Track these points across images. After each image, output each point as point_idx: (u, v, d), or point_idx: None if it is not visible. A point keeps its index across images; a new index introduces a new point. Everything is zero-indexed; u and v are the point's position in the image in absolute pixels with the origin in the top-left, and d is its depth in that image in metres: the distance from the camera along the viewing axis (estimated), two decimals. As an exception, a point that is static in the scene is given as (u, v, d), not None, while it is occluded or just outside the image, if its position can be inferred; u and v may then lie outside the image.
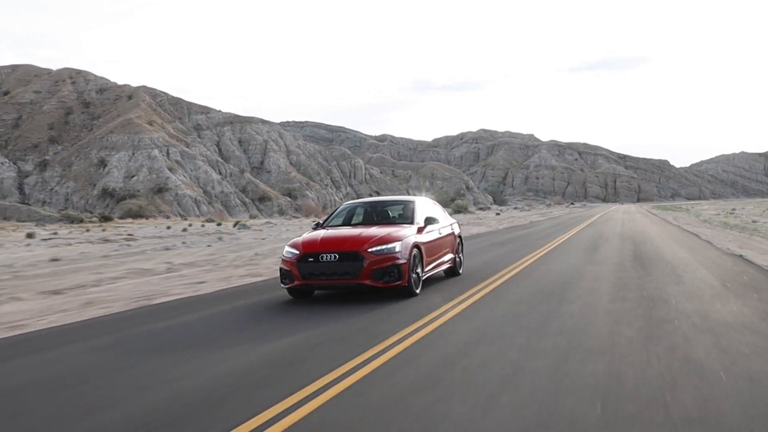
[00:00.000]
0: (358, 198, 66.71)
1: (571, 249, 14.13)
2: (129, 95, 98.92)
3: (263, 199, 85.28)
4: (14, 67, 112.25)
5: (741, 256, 10.80)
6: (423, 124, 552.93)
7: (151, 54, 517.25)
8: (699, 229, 20.14)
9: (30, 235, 28.63)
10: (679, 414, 3.16)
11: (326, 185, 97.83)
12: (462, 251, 10.15)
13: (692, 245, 14.20)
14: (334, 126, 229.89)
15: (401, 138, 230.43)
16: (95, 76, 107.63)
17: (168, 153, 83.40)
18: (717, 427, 2.99)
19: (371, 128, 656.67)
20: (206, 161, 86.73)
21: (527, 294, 7.44)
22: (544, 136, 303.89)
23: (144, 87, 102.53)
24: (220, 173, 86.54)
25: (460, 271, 9.80)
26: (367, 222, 8.73)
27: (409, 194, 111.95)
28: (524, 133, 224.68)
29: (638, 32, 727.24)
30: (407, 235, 7.62)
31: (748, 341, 4.73)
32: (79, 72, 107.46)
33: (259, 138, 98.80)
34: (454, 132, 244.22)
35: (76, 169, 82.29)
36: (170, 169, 79.80)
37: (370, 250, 7.17)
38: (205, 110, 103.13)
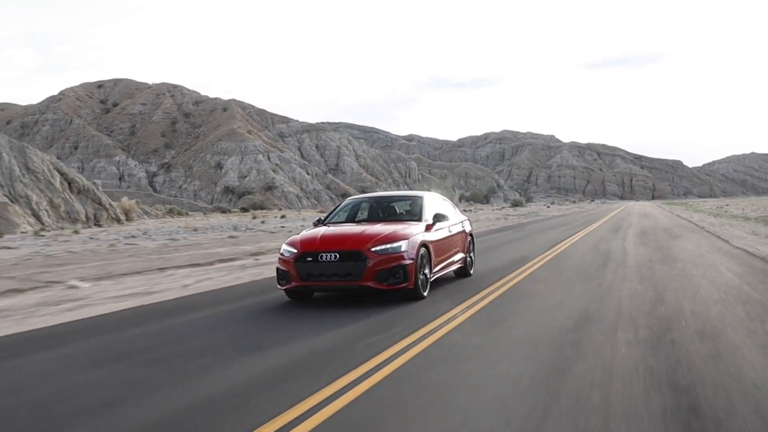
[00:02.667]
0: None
1: (620, 215, 37.83)
2: (223, 107, 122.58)
3: (345, 195, 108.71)
4: (116, 81, 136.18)
5: (678, 215, 34.39)
6: (437, 120, 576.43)
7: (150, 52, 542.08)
8: (678, 212, 43.53)
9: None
10: (649, 221, 26.54)
11: (390, 184, 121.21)
12: (473, 250, 9.96)
13: (666, 214, 37.89)
14: (367, 127, 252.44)
15: (427, 138, 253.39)
16: (188, 89, 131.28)
17: (269, 157, 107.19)
18: (649, 228, 26.35)
19: (385, 124, 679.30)
20: (297, 164, 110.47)
21: (618, 219, 31.00)
22: (563, 136, 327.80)
23: (234, 100, 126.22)
24: (308, 174, 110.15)
25: (471, 272, 9.59)
26: (371, 218, 8.60)
27: (454, 192, 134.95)
28: (545, 134, 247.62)
29: (656, 28, 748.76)
30: (414, 233, 7.47)
31: (661, 218, 28.27)
32: (175, 86, 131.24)
33: (333, 144, 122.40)
34: (475, 131, 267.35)
35: (196, 170, 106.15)
36: (274, 171, 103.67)
37: (373, 249, 6.98)
38: (285, 120, 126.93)
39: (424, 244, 7.47)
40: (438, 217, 8.25)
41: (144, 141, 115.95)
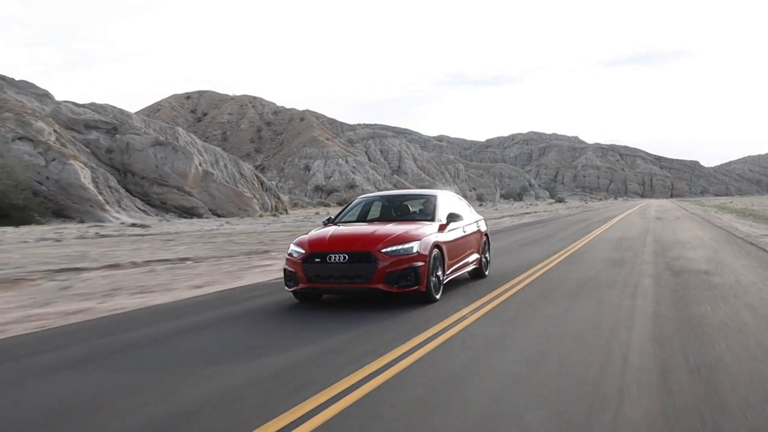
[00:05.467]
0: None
1: (644, 205, 64.11)
2: (300, 117, 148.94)
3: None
4: (201, 93, 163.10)
5: (679, 206, 60.55)
6: (461, 119, 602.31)
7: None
8: (682, 205, 69.22)
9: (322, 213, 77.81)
10: (661, 207, 52.40)
11: (443, 183, 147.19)
12: (489, 250, 10.35)
13: (673, 205, 64.25)
14: (400, 128, 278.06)
15: (456, 138, 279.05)
16: (266, 101, 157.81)
17: (347, 160, 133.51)
18: (663, 213, 52.27)
19: (405, 122, 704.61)
20: (369, 166, 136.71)
21: (644, 207, 57.11)
22: (587, 137, 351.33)
23: (308, 110, 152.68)
24: (379, 175, 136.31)
25: (486, 273, 9.94)
26: (383, 218, 8.86)
27: (496, 191, 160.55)
28: (569, 135, 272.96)
29: (677, 26, 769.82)
30: (427, 233, 7.68)
31: (668, 206, 54.39)
32: (255, 98, 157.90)
33: (395, 149, 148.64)
34: (501, 131, 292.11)
35: (288, 172, 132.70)
36: (353, 172, 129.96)
37: (384, 250, 7.13)
38: (352, 128, 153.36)
39: (437, 245, 7.64)
40: (452, 217, 8.48)
41: (236, 146, 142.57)
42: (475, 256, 9.50)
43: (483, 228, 10.13)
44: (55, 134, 58.83)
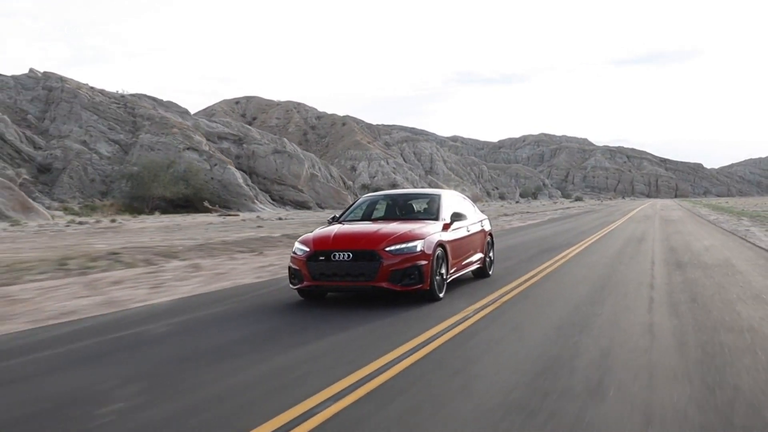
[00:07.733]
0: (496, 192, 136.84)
1: (651, 203, 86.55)
2: (342, 122, 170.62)
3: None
4: (248, 99, 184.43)
5: (677, 203, 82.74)
6: (471, 118, 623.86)
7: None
8: (683, 204, 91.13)
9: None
10: (665, 203, 74.47)
11: (470, 183, 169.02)
12: (493, 250, 10.80)
13: (673, 203, 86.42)
14: (418, 129, 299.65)
15: (469, 138, 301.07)
16: (309, 106, 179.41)
17: (387, 162, 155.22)
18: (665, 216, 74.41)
19: (414, 120, 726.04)
20: (406, 167, 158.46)
21: (651, 204, 79.31)
22: (596, 139, 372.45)
23: (348, 116, 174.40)
24: (416, 175, 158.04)
25: (491, 272, 10.43)
26: (388, 217, 9.26)
27: (516, 190, 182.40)
28: (579, 137, 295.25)
29: (688, 25, 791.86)
30: (431, 232, 8.03)
31: (670, 203, 76.73)
32: (298, 104, 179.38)
33: (427, 151, 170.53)
34: (511, 133, 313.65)
35: (336, 172, 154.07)
36: (393, 172, 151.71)
37: (387, 249, 7.46)
38: (388, 131, 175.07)
39: (440, 244, 8.03)
40: (456, 216, 8.87)
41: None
42: (479, 255, 9.98)
43: (487, 227, 10.61)
44: (207, 144, 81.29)
